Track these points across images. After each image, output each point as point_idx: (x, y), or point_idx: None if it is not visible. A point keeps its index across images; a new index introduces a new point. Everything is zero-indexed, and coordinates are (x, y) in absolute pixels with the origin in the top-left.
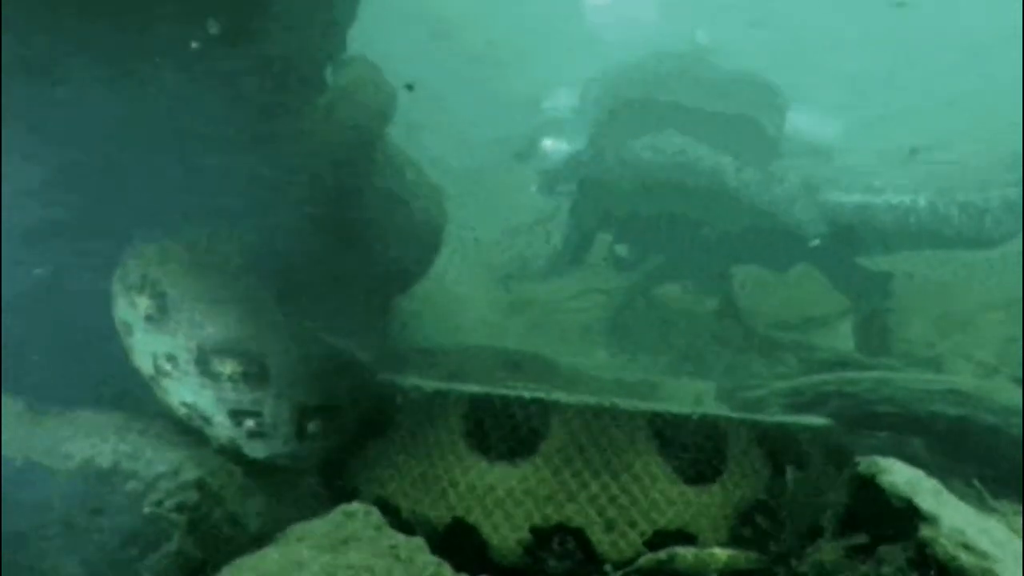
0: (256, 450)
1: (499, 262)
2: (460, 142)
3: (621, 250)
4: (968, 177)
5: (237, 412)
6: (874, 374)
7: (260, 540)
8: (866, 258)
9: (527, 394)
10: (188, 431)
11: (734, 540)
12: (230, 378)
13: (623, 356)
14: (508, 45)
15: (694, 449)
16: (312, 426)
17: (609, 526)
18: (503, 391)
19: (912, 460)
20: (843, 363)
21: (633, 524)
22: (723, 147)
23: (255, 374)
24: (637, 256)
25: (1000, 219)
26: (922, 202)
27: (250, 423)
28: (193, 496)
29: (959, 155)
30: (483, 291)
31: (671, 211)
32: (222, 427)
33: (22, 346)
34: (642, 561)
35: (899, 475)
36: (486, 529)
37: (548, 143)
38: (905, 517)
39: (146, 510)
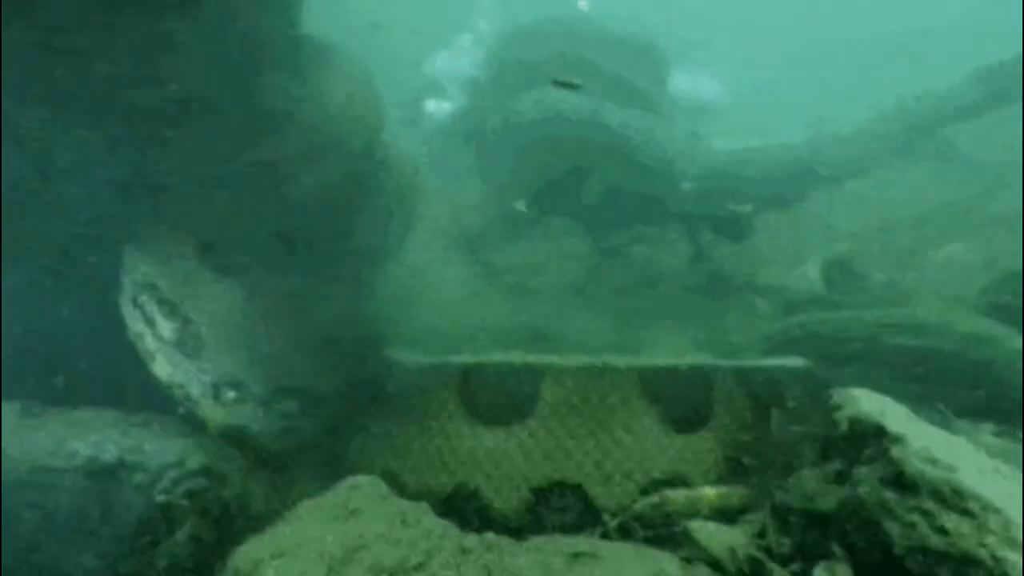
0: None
1: (464, 231)
2: None
3: (520, 206)
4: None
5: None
6: (842, 314)
7: (268, 519)
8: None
9: (518, 359)
10: (186, 422)
11: (723, 479)
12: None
13: (601, 316)
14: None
15: (683, 399)
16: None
17: (606, 479)
18: (495, 358)
19: (881, 390)
20: (813, 303)
21: (628, 475)
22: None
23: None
24: (537, 212)
25: (869, 147)
26: (797, 139)
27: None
28: (201, 482)
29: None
30: (456, 264)
31: (559, 162)
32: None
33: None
34: (637, 507)
35: (869, 403)
36: (488, 492)
37: (431, 104)
38: (877, 440)
39: (159, 498)
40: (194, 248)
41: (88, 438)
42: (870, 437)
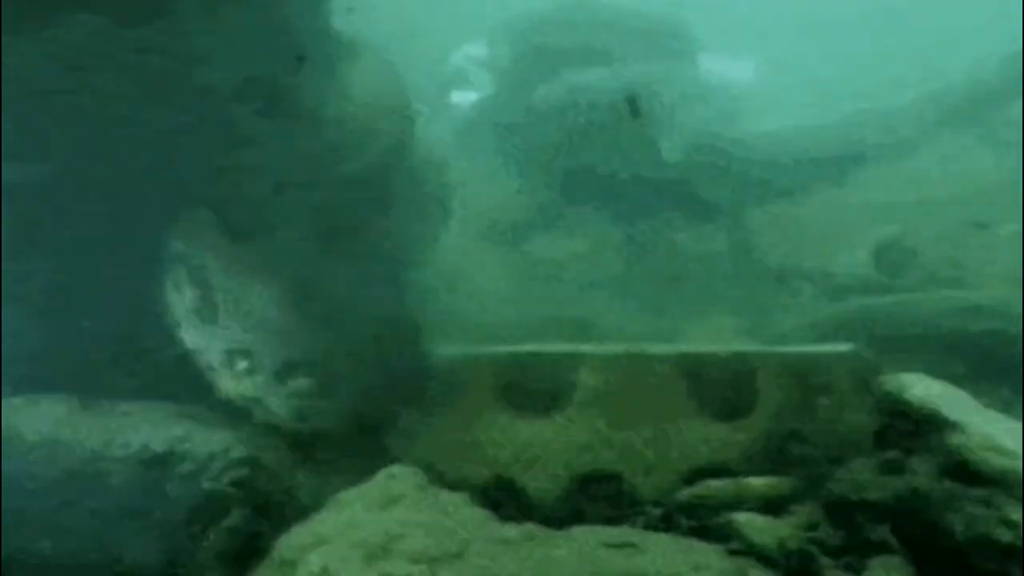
0: None
1: (496, 222)
2: None
3: (550, 194)
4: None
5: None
6: (897, 297)
7: (311, 508)
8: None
9: (554, 348)
10: (232, 414)
11: (769, 469)
12: None
13: (645, 304)
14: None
15: (725, 386)
16: None
17: (647, 468)
18: (531, 348)
19: (939, 376)
20: (863, 288)
21: (670, 464)
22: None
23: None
24: (567, 200)
25: (916, 118)
26: (836, 118)
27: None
28: (246, 472)
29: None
30: (491, 255)
31: (583, 150)
32: None
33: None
34: (680, 497)
35: (924, 388)
36: (526, 482)
37: (456, 95)
38: (933, 428)
39: (206, 487)
40: (225, 225)
41: (140, 429)
42: (927, 424)
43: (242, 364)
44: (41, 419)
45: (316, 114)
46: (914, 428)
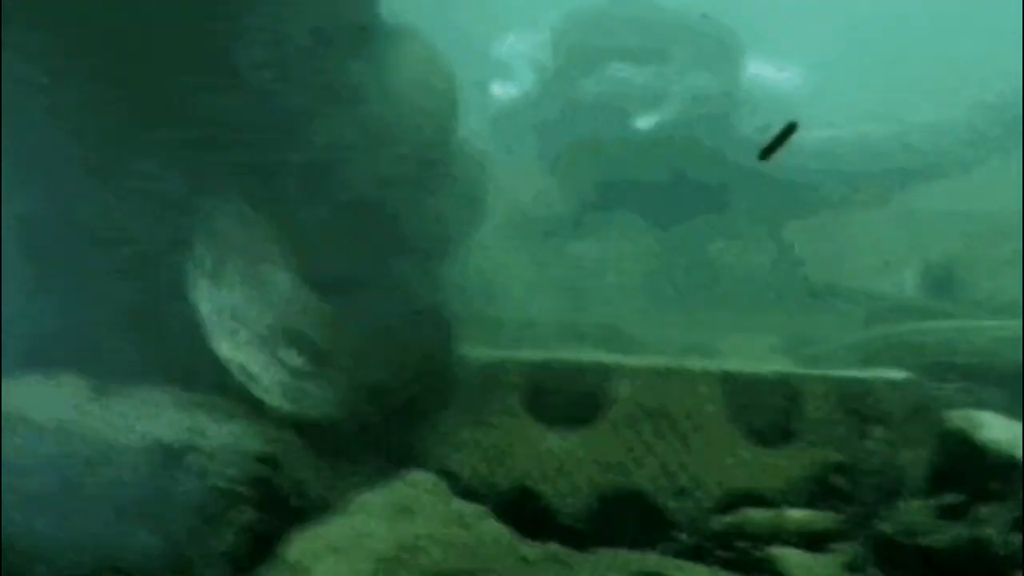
0: None
1: (529, 219)
2: None
3: (586, 196)
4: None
5: None
6: (948, 323)
7: (323, 508)
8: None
9: (587, 358)
10: (246, 403)
11: (811, 502)
12: None
13: (677, 316)
14: None
15: (767, 409)
16: None
17: (679, 492)
18: (562, 356)
19: (993, 411)
20: (911, 311)
21: (705, 489)
22: None
23: None
24: (601, 201)
25: (964, 139)
26: (885, 131)
27: None
28: (258, 468)
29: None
30: (522, 253)
31: (619, 151)
32: None
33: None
34: (714, 525)
35: (998, 430)
36: (550, 496)
37: (497, 88)
38: (1008, 474)
39: (217, 482)
40: (254, 198)
41: (152, 417)
42: (1001, 470)
43: (241, 332)
44: (52, 401)
45: (361, 98)
46: (984, 473)
